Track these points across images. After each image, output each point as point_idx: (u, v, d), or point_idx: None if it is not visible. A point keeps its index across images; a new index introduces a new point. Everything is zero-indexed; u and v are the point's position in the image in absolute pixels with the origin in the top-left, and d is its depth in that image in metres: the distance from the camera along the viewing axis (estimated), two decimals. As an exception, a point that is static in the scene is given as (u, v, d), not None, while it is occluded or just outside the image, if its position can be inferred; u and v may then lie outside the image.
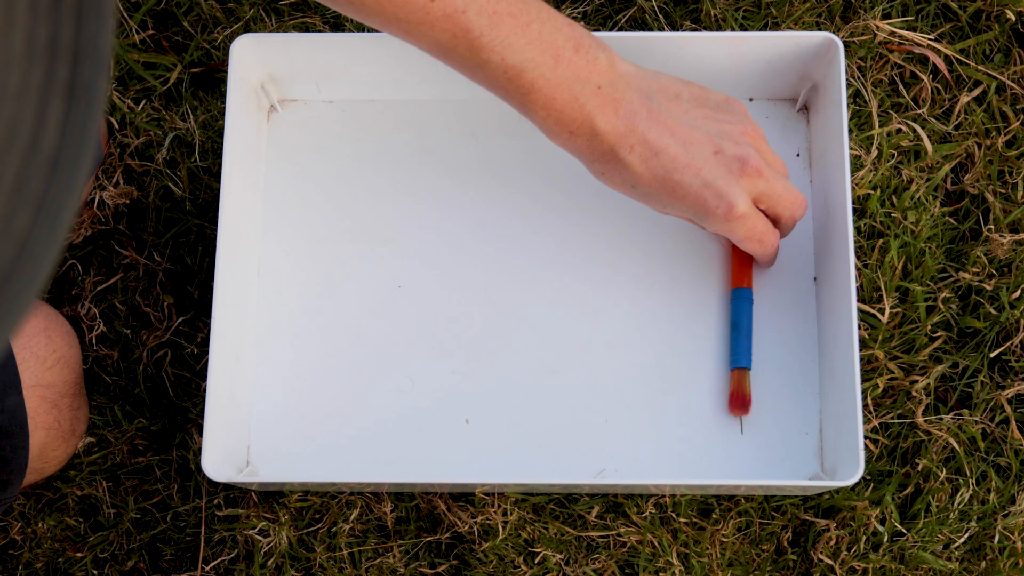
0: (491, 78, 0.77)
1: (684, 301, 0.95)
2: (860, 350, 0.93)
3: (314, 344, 0.95)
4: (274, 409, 0.93)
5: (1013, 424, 0.95)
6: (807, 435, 0.92)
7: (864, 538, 0.92)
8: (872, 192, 0.98)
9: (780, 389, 0.93)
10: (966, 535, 0.93)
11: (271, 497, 0.93)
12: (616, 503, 0.93)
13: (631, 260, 0.96)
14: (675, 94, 0.82)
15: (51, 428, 0.88)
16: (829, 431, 0.91)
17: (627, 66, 0.80)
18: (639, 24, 1.03)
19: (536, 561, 0.92)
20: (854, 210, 0.97)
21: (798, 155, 0.97)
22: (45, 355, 0.88)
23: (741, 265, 0.93)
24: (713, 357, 0.93)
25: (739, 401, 0.91)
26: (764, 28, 1.02)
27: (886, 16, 1.03)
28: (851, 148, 0.98)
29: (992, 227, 0.98)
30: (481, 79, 0.78)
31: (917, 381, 0.95)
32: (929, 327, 0.96)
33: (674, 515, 0.92)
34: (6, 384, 0.82)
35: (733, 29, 1.02)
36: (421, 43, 0.76)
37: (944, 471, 0.94)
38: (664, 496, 0.92)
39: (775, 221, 0.86)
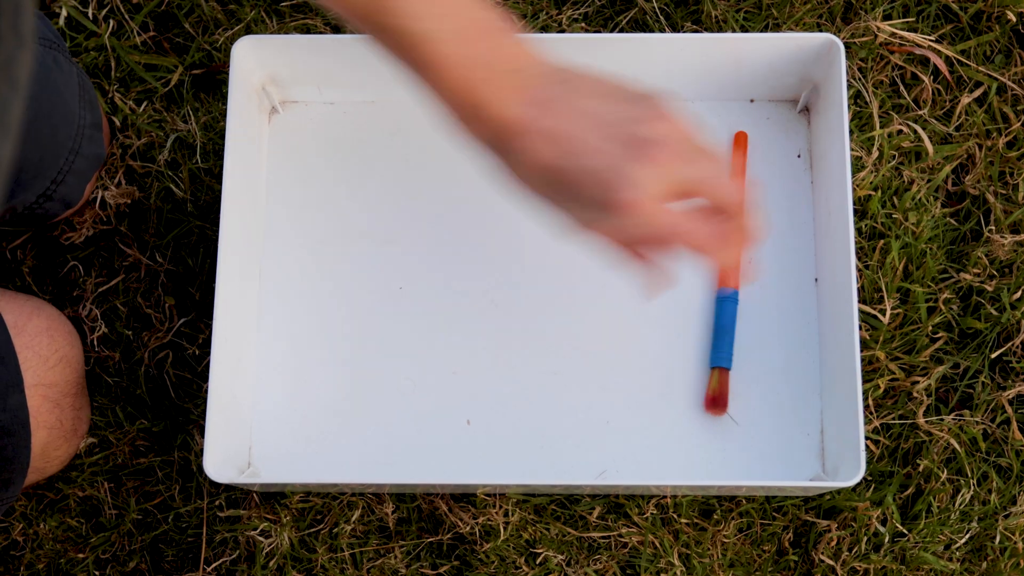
0: (392, 42, 0.73)
1: (686, 302, 0.95)
2: (861, 351, 0.93)
3: (315, 345, 0.95)
4: (275, 410, 0.93)
5: (1014, 425, 0.95)
6: (808, 436, 0.92)
7: (865, 539, 0.92)
8: (873, 193, 0.98)
9: (781, 390, 0.93)
10: (967, 536, 0.93)
11: (272, 498, 0.94)
12: (617, 504, 0.93)
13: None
14: (584, 87, 0.76)
15: (53, 427, 0.88)
16: (830, 432, 0.91)
17: (537, 56, 0.76)
18: (640, 25, 1.03)
19: (538, 562, 0.92)
20: (855, 211, 0.97)
21: (799, 156, 0.98)
22: (47, 354, 0.88)
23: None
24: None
25: (714, 400, 0.91)
26: (765, 29, 1.02)
27: (887, 17, 1.03)
28: (852, 149, 0.98)
29: (993, 228, 0.99)
30: (383, 43, 0.74)
31: (918, 382, 0.95)
32: (930, 328, 0.96)
33: (675, 516, 0.92)
34: (8, 383, 0.82)
35: (734, 30, 1.02)
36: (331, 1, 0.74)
37: (945, 472, 0.94)
38: (665, 497, 0.92)
39: (717, 211, 0.76)
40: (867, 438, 0.94)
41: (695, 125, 0.76)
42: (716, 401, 0.91)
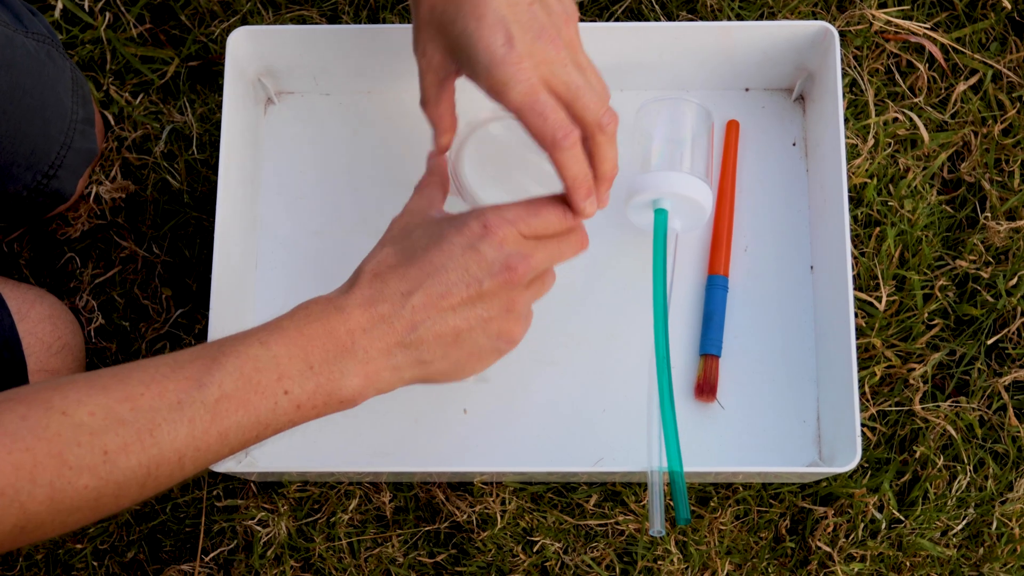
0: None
1: (682, 290, 0.95)
2: (857, 338, 0.93)
3: (312, 335, 0.95)
4: (273, 400, 0.93)
5: (1010, 411, 0.95)
6: (804, 423, 0.92)
7: (862, 525, 0.92)
8: (869, 181, 0.98)
9: (777, 377, 0.93)
10: (964, 522, 0.93)
11: (270, 488, 0.94)
12: (614, 492, 0.93)
13: (628, 250, 0.96)
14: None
15: (53, 416, 0.88)
16: (826, 419, 0.91)
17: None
18: (635, 14, 1.03)
19: (535, 550, 0.92)
20: (851, 199, 0.98)
21: (794, 145, 0.98)
22: (50, 341, 0.88)
23: (716, 252, 0.94)
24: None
25: (702, 388, 0.92)
26: (760, 18, 1.02)
27: (882, 5, 1.03)
28: (848, 137, 0.98)
29: (989, 215, 0.99)
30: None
31: (914, 369, 0.95)
32: (926, 315, 0.96)
33: (672, 503, 0.92)
34: (12, 367, 0.82)
35: (729, 19, 1.02)
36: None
37: (942, 458, 0.94)
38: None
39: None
40: (863, 425, 0.94)
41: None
42: (704, 388, 0.92)
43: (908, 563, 0.92)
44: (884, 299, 0.96)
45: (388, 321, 0.73)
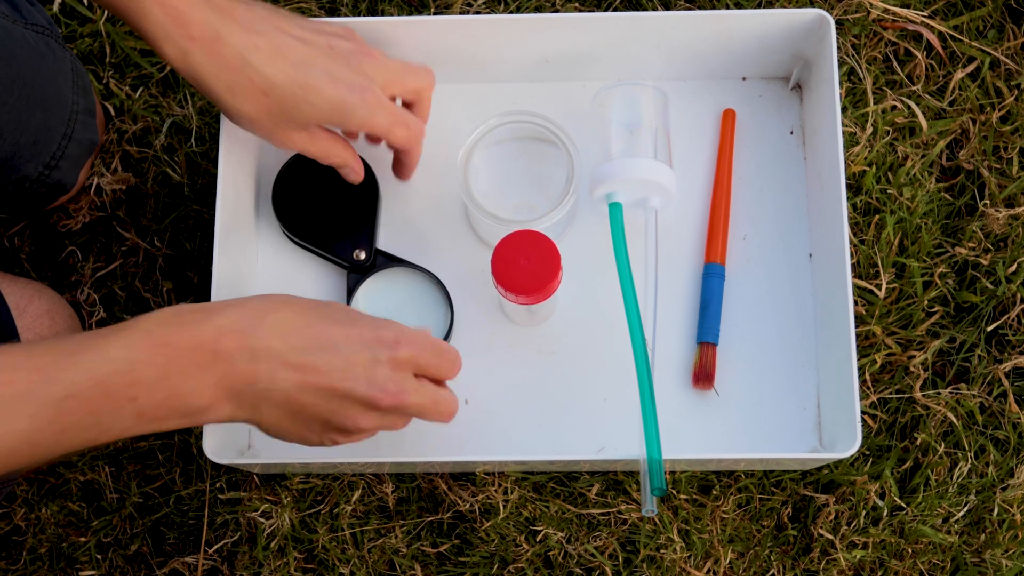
0: None
1: (679, 279, 0.95)
2: (857, 326, 0.94)
3: (313, 327, 0.95)
4: (274, 392, 0.94)
5: (1011, 397, 0.95)
6: (805, 410, 0.92)
7: (864, 513, 0.92)
8: (868, 169, 0.98)
9: (777, 365, 0.93)
10: (965, 508, 0.93)
11: (273, 480, 0.94)
12: (616, 481, 0.93)
13: (627, 239, 0.96)
14: (284, 14, 0.83)
15: (53, 411, 0.88)
16: (827, 405, 0.91)
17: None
18: (632, 4, 1.03)
19: (538, 539, 0.92)
20: (850, 187, 0.98)
21: (792, 133, 0.98)
22: (48, 336, 0.88)
23: (712, 240, 0.94)
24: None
25: (699, 376, 0.92)
26: (758, 6, 1.02)
27: (879, -6, 1.03)
28: (846, 125, 0.98)
29: (988, 202, 0.99)
30: None
31: (915, 356, 0.95)
32: (926, 302, 0.96)
33: (674, 492, 0.92)
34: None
35: (728, 7, 1.02)
36: None
37: (943, 445, 0.94)
38: (664, 473, 0.92)
39: (408, 105, 0.90)
40: (865, 412, 0.94)
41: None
42: (701, 376, 0.92)
43: (910, 550, 0.93)
44: (884, 287, 0.96)
45: (253, 360, 0.70)
